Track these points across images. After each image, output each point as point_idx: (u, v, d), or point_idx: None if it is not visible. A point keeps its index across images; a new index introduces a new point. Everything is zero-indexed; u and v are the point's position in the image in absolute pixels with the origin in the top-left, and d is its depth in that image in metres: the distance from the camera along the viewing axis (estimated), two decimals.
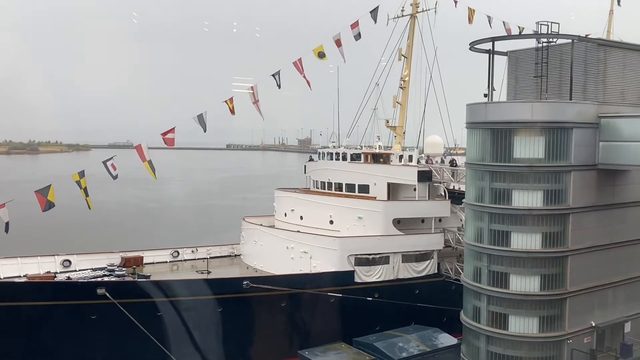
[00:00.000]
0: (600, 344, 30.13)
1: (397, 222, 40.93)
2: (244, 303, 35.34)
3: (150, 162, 32.97)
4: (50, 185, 31.54)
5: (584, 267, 29.04)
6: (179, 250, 44.93)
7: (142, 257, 41.70)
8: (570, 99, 29.70)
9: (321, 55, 38.86)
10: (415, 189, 42.20)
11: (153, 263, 42.79)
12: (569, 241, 28.38)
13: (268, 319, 36.61)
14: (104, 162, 33.54)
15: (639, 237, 31.67)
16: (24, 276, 36.87)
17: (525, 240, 28.52)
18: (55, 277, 36.97)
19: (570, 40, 30.15)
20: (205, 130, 34.20)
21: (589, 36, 32.93)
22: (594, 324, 29.85)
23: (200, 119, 34.03)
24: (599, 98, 29.98)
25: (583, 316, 29.47)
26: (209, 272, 40.42)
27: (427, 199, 42.74)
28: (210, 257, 44.10)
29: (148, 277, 37.71)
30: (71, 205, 41.71)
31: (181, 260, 44.61)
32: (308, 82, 38.73)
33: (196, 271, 41.66)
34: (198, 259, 44.76)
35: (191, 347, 34.13)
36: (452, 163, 43.58)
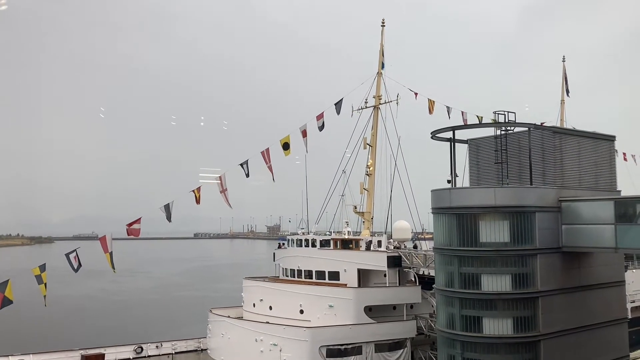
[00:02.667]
0: None
1: (369, 310, 40.26)
2: None
3: (111, 254, 32.25)
4: (7, 281, 30.29)
5: (556, 353, 28.74)
6: (143, 345, 43.02)
7: (104, 354, 39.81)
8: (531, 184, 30.65)
9: (285, 147, 39.81)
10: (385, 275, 41.93)
11: None
12: (540, 325, 28.24)
13: None
14: (67, 255, 32.61)
15: (607, 319, 31.76)
16: None
17: (498, 326, 28.28)
18: None
19: (527, 129, 31.59)
20: (170, 220, 33.96)
21: (544, 124, 34.56)
22: None
23: (167, 209, 33.85)
24: (557, 182, 31.02)
25: None
26: None
27: (397, 284, 42.44)
28: (176, 353, 42.31)
29: None
30: (30, 301, 40.05)
31: (145, 357, 42.58)
32: (272, 173, 39.29)
33: None
34: (163, 354, 42.88)
35: None
36: (415, 247, 44.17)
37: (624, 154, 63.45)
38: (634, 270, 56.58)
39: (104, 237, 32.66)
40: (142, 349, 42.81)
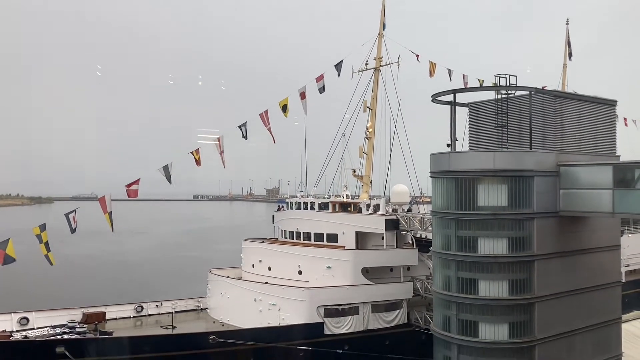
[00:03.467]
0: None
1: (366, 272, 40.78)
2: (211, 359, 34.28)
3: (110, 215, 32.41)
4: (8, 239, 30.56)
5: (551, 314, 29.24)
6: (143, 305, 43.67)
7: (105, 312, 40.38)
8: (530, 148, 30.62)
9: (284, 109, 39.48)
10: (383, 238, 42.33)
11: (116, 319, 41.41)
12: (535, 288, 28.65)
13: None
14: (66, 215, 32.79)
15: (602, 282, 32.20)
16: None
17: (493, 288, 28.68)
18: (11, 336, 35.34)
19: (528, 92, 31.35)
20: (170, 182, 34.02)
21: (545, 88, 34.27)
22: None
23: (166, 171, 33.86)
24: (557, 147, 30.97)
25: None
26: (174, 327, 39.27)
27: (395, 247, 42.88)
28: (176, 312, 42.90)
29: (110, 333, 36.41)
30: (31, 260, 40.38)
31: (145, 316, 43.26)
32: (272, 135, 39.12)
33: (161, 326, 40.42)
34: (163, 313, 43.52)
35: None
36: (409, 210, 44.59)
37: (625, 119, 63.25)
38: (629, 235, 57.14)
39: (103, 198, 32.78)
40: (142, 307, 43.46)
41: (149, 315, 43.36)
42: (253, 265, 44.55)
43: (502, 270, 28.59)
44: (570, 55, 67.10)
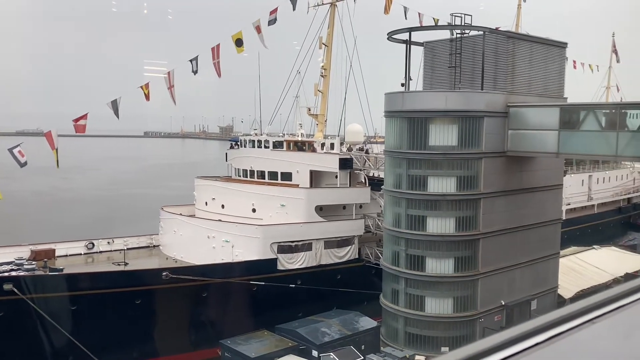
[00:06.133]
0: (509, 321, 31.95)
1: (320, 209, 41.34)
2: (164, 294, 34.57)
3: (57, 151, 31.38)
4: None
5: (494, 250, 30.62)
6: (94, 241, 43.08)
7: (54, 249, 39.67)
8: (482, 89, 31.04)
9: (239, 43, 38.18)
10: (337, 176, 42.73)
11: (66, 256, 40.80)
12: (480, 225, 29.80)
13: (189, 310, 36.01)
14: (10, 150, 31.56)
15: (543, 220, 33.75)
16: None
17: (440, 225, 29.69)
18: None
19: (482, 33, 31.44)
20: (118, 117, 32.99)
21: (499, 29, 34.43)
22: (503, 303, 31.59)
23: (114, 105, 32.76)
24: (507, 88, 31.50)
25: (493, 296, 31.13)
26: (126, 264, 39.13)
27: (348, 186, 43.44)
28: (128, 249, 42.60)
29: (61, 270, 36.00)
30: None
31: (96, 252, 42.83)
32: (218, 70, 37.90)
33: (112, 263, 40.18)
34: (114, 250, 43.11)
35: (108, 342, 33.00)
36: (366, 151, 45.03)
37: (574, 61, 64.53)
38: (572, 175, 59.59)
39: (49, 133, 31.60)
40: (93, 244, 42.91)
41: (101, 252, 42.92)
42: (206, 203, 44.39)
43: (450, 208, 29.54)
44: None
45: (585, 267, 41.28)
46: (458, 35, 32.41)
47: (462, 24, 31.50)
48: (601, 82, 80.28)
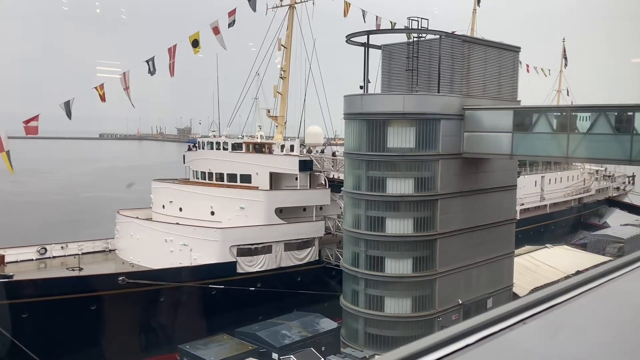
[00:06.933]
0: (466, 319, 32.50)
1: (280, 212, 41.21)
2: (120, 300, 33.81)
3: (7, 153, 30.32)
4: None
5: (451, 249, 31.17)
6: (47, 246, 41.77)
7: (4, 255, 38.37)
8: (438, 92, 31.58)
9: (195, 44, 37.72)
10: (297, 178, 42.70)
11: (17, 261, 39.47)
12: (437, 225, 30.28)
13: (146, 315, 35.33)
14: None
15: (498, 220, 34.54)
16: None
17: (399, 225, 30.03)
18: None
19: (438, 36, 32.00)
20: (70, 118, 32.12)
21: (454, 33, 35.08)
22: (460, 302, 32.17)
23: (66, 106, 31.88)
24: (463, 91, 32.13)
25: (451, 295, 31.66)
26: (80, 269, 38.10)
27: (308, 188, 43.47)
28: (82, 253, 41.51)
29: (11, 276, 34.76)
30: None
31: (49, 258, 41.53)
32: (172, 70, 37.28)
33: (66, 268, 39.04)
34: (69, 255, 41.91)
35: (61, 349, 32.07)
36: (334, 154, 44.88)
37: (527, 65, 66.41)
38: (525, 176, 61.22)
39: None
40: (45, 250, 41.58)
41: (54, 257, 41.65)
42: (163, 206, 43.66)
43: (408, 209, 29.92)
44: (479, 1, 68.68)
45: (538, 265, 42.46)
46: (415, 39, 32.88)
47: (419, 27, 31.98)
48: (552, 86, 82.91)
